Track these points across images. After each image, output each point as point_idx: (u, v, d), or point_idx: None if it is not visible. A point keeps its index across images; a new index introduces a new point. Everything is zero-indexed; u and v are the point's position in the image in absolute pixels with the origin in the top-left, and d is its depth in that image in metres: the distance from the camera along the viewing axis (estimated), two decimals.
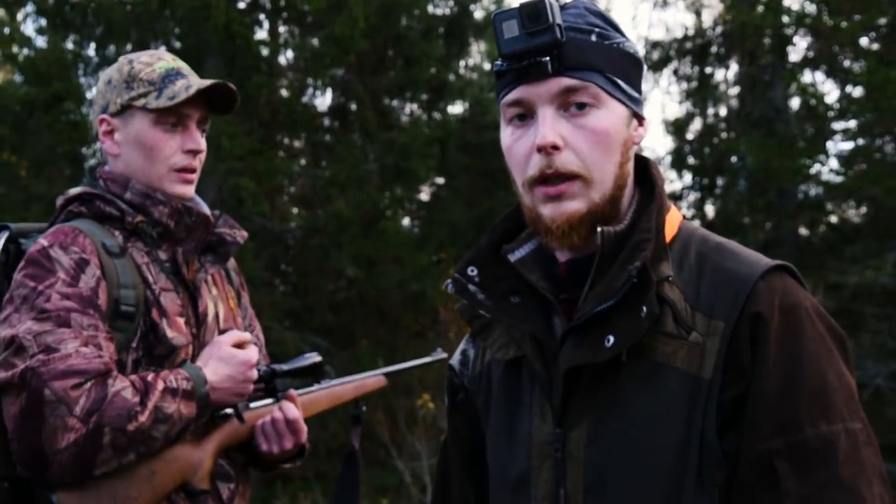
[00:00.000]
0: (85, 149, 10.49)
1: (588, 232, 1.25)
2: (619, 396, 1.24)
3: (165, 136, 1.98)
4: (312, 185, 10.13)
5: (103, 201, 1.97)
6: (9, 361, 1.78)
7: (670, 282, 1.25)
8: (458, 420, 1.46)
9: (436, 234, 10.53)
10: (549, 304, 1.32)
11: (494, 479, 1.37)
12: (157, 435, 1.82)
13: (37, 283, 1.83)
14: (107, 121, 2.02)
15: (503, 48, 1.25)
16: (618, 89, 1.27)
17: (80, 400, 1.75)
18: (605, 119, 1.25)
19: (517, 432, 1.32)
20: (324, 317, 10.08)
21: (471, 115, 11.69)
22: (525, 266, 1.32)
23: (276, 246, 9.73)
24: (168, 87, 1.97)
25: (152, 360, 1.91)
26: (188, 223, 1.99)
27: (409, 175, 9.78)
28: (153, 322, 1.92)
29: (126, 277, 1.90)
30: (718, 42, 11.68)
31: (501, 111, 1.31)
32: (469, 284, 1.33)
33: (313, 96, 10.69)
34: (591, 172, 1.24)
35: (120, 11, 9.49)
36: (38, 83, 9.71)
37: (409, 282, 9.63)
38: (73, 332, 1.80)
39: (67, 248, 1.88)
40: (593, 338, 1.24)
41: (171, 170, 1.99)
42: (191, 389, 1.86)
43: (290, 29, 10.49)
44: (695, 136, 12.16)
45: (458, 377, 1.46)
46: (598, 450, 1.24)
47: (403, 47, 10.33)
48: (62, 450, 1.74)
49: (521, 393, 1.33)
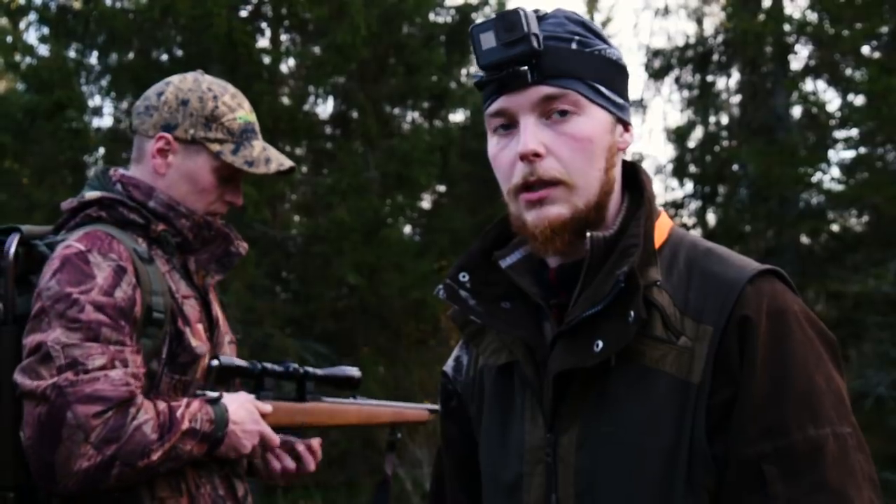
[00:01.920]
0: (87, 156, 10.51)
1: (572, 237, 1.26)
2: (609, 401, 1.25)
3: (217, 183, 2.03)
4: (314, 193, 10.14)
5: (126, 208, 1.97)
6: (35, 369, 1.78)
7: (659, 286, 1.26)
8: (452, 427, 1.48)
9: (437, 241, 10.52)
10: (540, 310, 1.33)
11: (487, 484, 1.37)
12: (161, 470, 1.84)
13: (73, 289, 1.82)
14: (168, 140, 2.02)
15: (482, 59, 1.27)
16: (599, 95, 1.28)
17: (97, 428, 1.75)
18: (587, 125, 1.26)
19: (509, 437, 1.33)
20: (325, 324, 10.06)
21: (472, 123, 11.68)
22: (516, 272, 1.33)
23: (278, 253, 9.73)
24: (245, 144, 2.01)
25: (175, 367, 1.92)
26: (206, 237, 2.01)
27: (410, 183, 9.78)
28: (178, 330, 1.93)
29: (157, 284, 1.91)
30: (720, 50, 11.69)
31: (486, 122, 1.33)
32: (460, 290, 1.34)
33: (315, 104, 10.70)
34: (573, 178, 1.25)
35: (122, 20, 9.51)
36: (40, 91, 9.73)
37: (411, 289, 9.62)
38: (100, 348, 1.79)
39: (106, 254, 1.87)
40: (582, 343, 1.25)
41: (209, 212, 2.04)
42: (209, 432, 1.87)
43: (291, 37, 10.51)
44: (696, 144, 12.16)
45: (451, 384, 1.47)
46: (588, 454, 1.25)
47: (405, 55, 10.34)
48: (70, 475, 1.75)
49: (512, 398, 1.34)
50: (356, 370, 2.11)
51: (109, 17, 9.52)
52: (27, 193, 9.83)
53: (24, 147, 9.88)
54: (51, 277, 1.85)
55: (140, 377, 1.84)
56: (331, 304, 10.04)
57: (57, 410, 1.75)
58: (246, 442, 1.92)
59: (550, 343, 1.30)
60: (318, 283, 9.89)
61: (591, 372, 1.25)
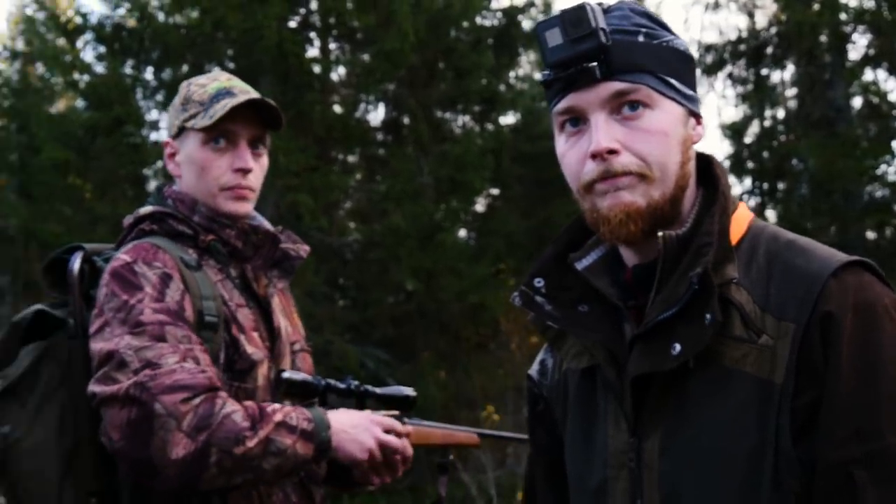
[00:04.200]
0: (146, 170, 10.70)
1: (646, 226, 1.23)
2: (689, 404, 1.22)
3: (214, 155, 2.01)
4: (368, 200, 10.19)
5: (175, 220, 2.00)
6: (111, 376, 1.81)
7: (737, 284, 1.22)
8: (539, 431, 1.46)
9: (492, 245, 10.50)
10: (619, 312, 1.30)
11: (573, 488, 1.36)
12: (266, 466, 1.82)
13: (128, 297, 1.86)
14: (169, 144, 2.08)
15: (548, 57, 1.24)
16: (671, 88, 1.25)
17: (188, 415, 1.77)
18: (661, 119, 1.23)
19: (594, 441, 1.31)
20: (384, 330, 10.09)
21: (523, 125, 11.65)
22: (592, 273, 1.31)
23: (335, 260, 9.79)
24: (212, 106, 1.99)
25: (233, 374, 1.93)
26: (255, 241, 2.02)
27: (464, 187, 9.78)
28: (233, 337, 1.94)
29: (206, 290, 1.93)
30: (773, 43, 11.47)
31: (553, 120, 1.30)
32: (536, 296, 1.32)
33: (366, 111, 10.76)
34: (651, 171, 1.22)
35: (175, 35, 9.67)
36: (99, 108, 9.94)
37: (468, 293, 9.61)
38: (170, 347, 1.82)
39: (150, 263, 1.91)
40: (659, 346, 1.22)
41: (221, 189, 2.01)
42: (311, 430, 1.85)
43: (340, 46, 10.58)
44: (753, 139, 11.95)
45: (536, 387, 1.45)
46: (671, 459, 1.22)
47: (453, 59, 10.34)
48: (169, 464, 1.76)
49: (596, 401, 1.32)
50: (412, 390, 2.11)
51: (163, 32, 9.69)
52: (90, 207, 10.05)
53: (85, 163, 10.11)
54: (104, 291, 1.89)
55: (216, 376, 1.86)
56: (389, 310, 10.07)
57: (144, 405, 1.77)
58: (356, 449, 1.90)
59: (629, 346, 1.27)
60: (375, 289, 9.93)
61: (669, 375, 1.22)
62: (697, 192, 1.30)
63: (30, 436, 1.87)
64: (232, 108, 1.96)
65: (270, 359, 2.00)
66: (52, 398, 1.90)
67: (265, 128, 2.06)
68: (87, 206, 10.25)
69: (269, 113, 2.03)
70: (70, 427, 1.88)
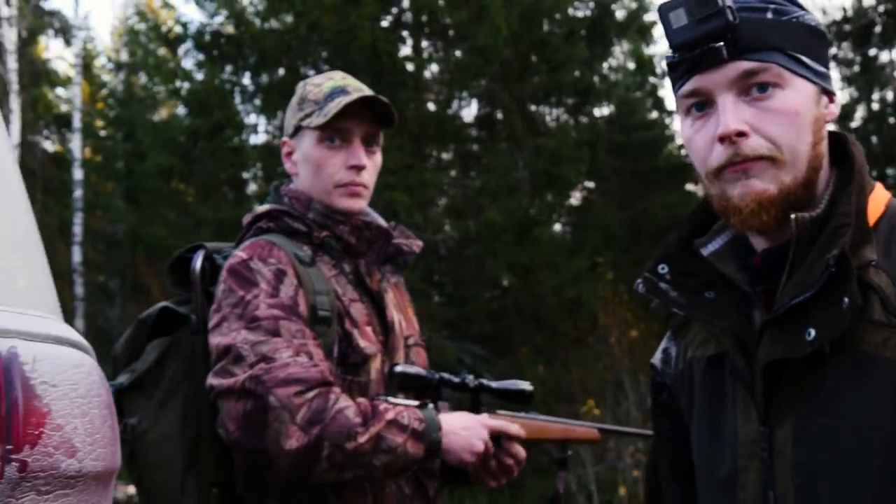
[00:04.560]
0: (245, 173, 10.96)
1: (779, 213, 1.19)
2: (825, 391, 1.17)
3: (329, 153, 2.04)
4: (463, 196, 10.21)
5: (291, 217, 2.04)
6: (228, 370, 1.86)
7: (875, 266, 1.17)
8: (663, 420, 1.43)
9: (589, 238, 10.41)
10: (747, 297, 1.26)
11: (701, 479, 1.32)
12: (377, 463, 1.84)
13: (244, 293, 1.91)
14: (286, 143, 2.13)
15: (673, 39, 1.21)
16: (802, 66, 1.20)
17: (301, 409, 1.81)
18: (792, 99, 1.19)
19: (722, 431, 1.27)
20: (481, 325, 10.11)
21: (618, 116, 11.52)
22: (719, 259, 1.27)
23: (431, 257, 9.85)
24: (327, 104, 2.02)
25: (347, 368, 1.96)
26: (368, 237, 2.05)
27: (559, 180, 9.72)
28: (346, 332, 1.97)
29: (320, 285, 1.96)
30: (881, 21, 11.05)
31: (678, 103, 1.27)
32: (660, 283, 1.29)
33: (459, 107, 10.79)
34: (783, 154, 1.18)
35: (271, 39, 9.87)
36: (200, 114, 10.23)
37: (565, 288, 9.56)
38: (284, 342, 1.86)
39: (265, 259, 1.95)
40: (793, 331, 1.17)
41: (336, 186, 2.04)
42: (422, 430, 1.88)
43: (433, 43, 10.63)
44: (860, 123, 11.54)
45: (660, 376, 1.42)
46: (805, 448, 1.18)
47: (546, 52, 10.29)
48: (283, 455, 1.80)
49: (723, 390, 1.28)
50: (528, 384, 2.09)
51: (260, 38, 9.91)
52: (193, 211, 10.34)
53: (188, 167, 10.40)
54: (222, 287, 1.95)
55: (329, 371, 1.89)
56: (485, 305, 10.08)
57: (258, 398, 1.81)
58: (465, 452, 1.92)
59: (759, 332, 1.23)
60: (471, 285, 9.95)
61: (803, 361, 1.18)
62: (831, 172, 1.25)
63: (155, 428, 1.94)
64: (345, 106, 1.99)
65: (384, 353, 2.02)
66: (176, 392, 1.96)
67: (378, 125, 2.08)
68: (190, 209, 10.56)
69: (383, 110, 2.05)
70: (193, 420, 1.94)
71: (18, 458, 0.88)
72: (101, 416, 0.97)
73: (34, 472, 0.89)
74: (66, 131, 14.74)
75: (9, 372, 0.90)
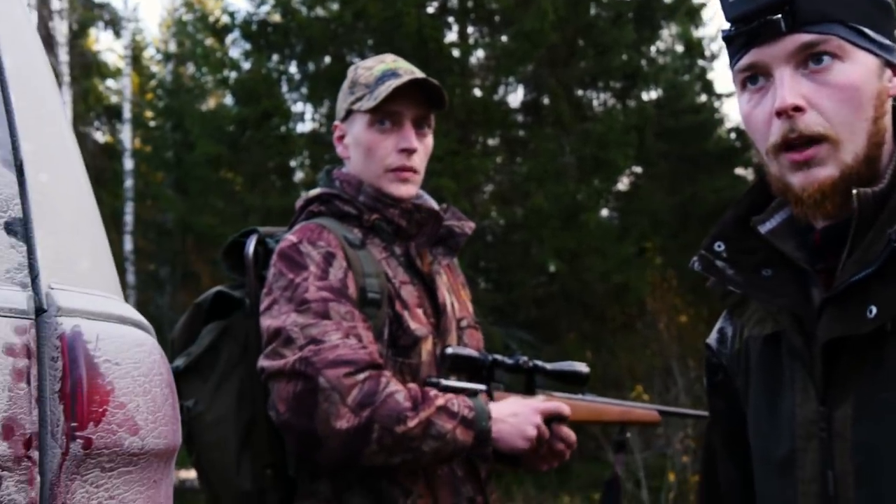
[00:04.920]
0: (293, 161, 11.04)
1: (843, 198, 1.16)
2: (887, 369, 1.15)
3: (380, 136, 2.04)
4: (510, 182, 10.18)
5: (341, 201, 2.05)
6: (278, 352, 1.88)
7: None
8: (718, 401, 1.41)
9: (637, 223, 10.32)
10: (806, 275, 1.24)
11: (758, 459, 1.31)
12: (426, 449, 1.85)
13: (294, 276, 1.93)
14: (338, 127, 2.13)
15: (729, 12, 1.19)
16: (863, 38, 1.18)
17: (352, 391, 1.82)
18: (852, 72, 1.16)
19: (779, 411, 1.25)
20: (528, 311, 10.09)
21: (666, 100, 11.39)
22: (777, 236, 1.25)
23: (477, 243, 9.84)
24: (378, 87, 2.01)
25: (397, 350, 1.97)
26: (418, 219, 2.04)
27: (607, 165, 9.64)
28: (397, 314, 1.97)
29: (369, 267, 1.97)
30: None
31: (735, 78, 1.24)
32: (716, 260, 1.28)
33: (506, 93, 10.75)
34: (839, 133, 1.16)
35: (318, 27, 9.91)
36: (247, 103, 10.31)
37: (612, 273, 9.49)
38: (334, 324, 1.88)
39: (315, 242, 1.97)
40: (853, 308, 1.15)
41: (387, 170, 2.04)
42: (471, 418, 1.88)
43: (479, 29, 10.59)
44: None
45: (715, 357, 1.40)
46: (866, 428, 1.16)
47: (594, 36, 10.19)
48: (333, 435, 1.82)
49: (781, 369, 1.27)
50: (584, 366, 2.07)
51: (306, 26, 9.95)
52: (241, 199, 10.43)
53: (236, 156, 10.50)
54: (273, 270, 1.97)
55: (377, 353, 1.90)
56: (532, 291, 10.05)
57: (309, 379, 1.83)
58: (517, 439, 1.92)
59: (818, 310, 1.21)
60: (518, 271, 9.93)
61: (864, 339, 1.16)
62: (895, 146, 1.22)
63: (211, 410, 1.97)
64: (396, 89, 1.98)
65: (435, 335, 2.02)
66: (231, 374, 1.98)
67: (429, 108, 2.07)
68: (238, 197, 10.66)
69: (433, 93, 2.04)
70: (248, 401, 1.96)
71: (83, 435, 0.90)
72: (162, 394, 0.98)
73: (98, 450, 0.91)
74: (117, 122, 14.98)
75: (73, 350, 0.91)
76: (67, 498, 0.89)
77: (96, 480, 0.91)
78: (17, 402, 0.86)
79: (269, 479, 1.95)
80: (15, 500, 0.85)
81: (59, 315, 0.91)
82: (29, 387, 0.87)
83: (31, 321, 0.89)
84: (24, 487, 0.86)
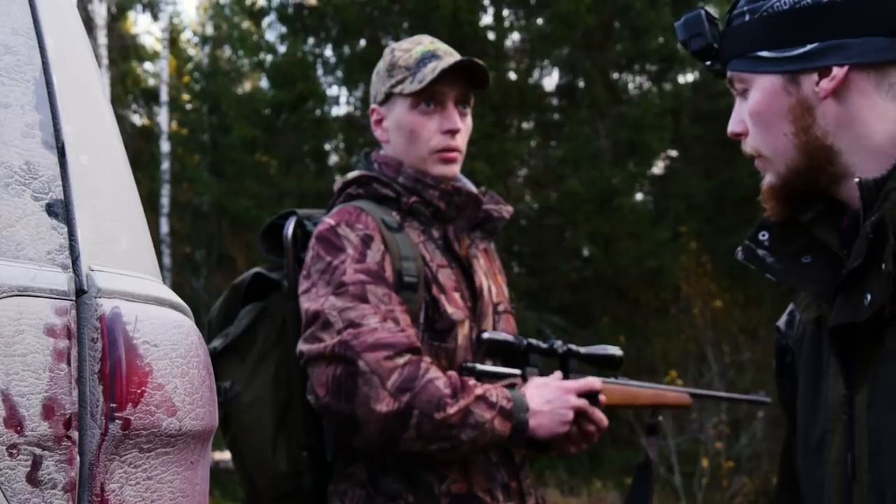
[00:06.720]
0: (327, 145, 11.07)
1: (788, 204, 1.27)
2: (889, 357, 1.16)
3: (423, 118, 2.03)
4: (544, 166, 10.14)
5: (380, 183, 2.05)
6: (317, 336, 1.89)
7: None
8: (785, 383, 1.43)
9: (672, 208, 10.23)
10: (841, 262, 1.25)
11: (800, 440, 1.34)
12: (463, 437, 1.85)
13: (331, 259, 1.93)
14: (376, 110, 2.11)
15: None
16: (760, 62, 1.24)
17: (392, 374, 1.83)
18: (753, 100, 1.27)
19: (819, 394, 1.28)
20: (561, 296, 10.06)
21: (703, 83, 11.24)
22: (817, 224, 1.28)
23: (512, 227, 9.82)
24: (420, 70, 2.01)
25: (434, 334, 1.97)
26: (458, 203, 2.04)
27: (642, 149, 9.56)
28: (433, 297, 1.98)
29: (406, 250, 1.97)
30: None
31: None
32: (758, 249, 1.31)
33: (541, 76, 10.68)
34: (763, 151, 1.28)
35: (353, 11, 9.91)
36: (283, 86, 10.35)
37: (647, 258, 9.43)
38: (371, 308, 1.88)
39: (353, 225, 1.97)
40: (855, 296, 1.18)
41: (432, 152, 2.04)
42: (510, 409, 1.88)
43: (514, 11, 10.53)
44: None
45: (784, 339, 1.43)
46: (878, 413, 1.18)
47: (629, 18, 10.09)
48: (372, 419, 1.82)
49: (821, 354, 1.29)
50: (618, 349, 2.06)
51: (342, 9, 9.95)
52: (276, 182, 10.49)
53: (271, 139, 10.55)
54: (311, 253, 1.97)
55: (416, 337, 1.90)
56: (566, 276, 10.02)
57: (349, 363, 1.84)
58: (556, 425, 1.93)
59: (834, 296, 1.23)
60: (552, 255, 9.90)
61: (869, 326, 1.17)
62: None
63: (248, 391, 1.98)
64: (441, 71, 1.98)
65: (472, 319, 2.02)
66: (268, 356, 1.99)
67: (470, 87, 2.06)
68: (273, 181, 10.71)
69: (475, 72, 2.03)
70: (284, 383, 1.97)
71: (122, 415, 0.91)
72: (199, 376, 0.99)
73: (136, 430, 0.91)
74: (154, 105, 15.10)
75: (112, 331, 0.92)
76: (106, 478, 0.90)
77: (134, 461, 0.92)
78: (58, 382, 0.87)
79: (304, 462, 1.96)
80: (55, 480, 0.86)
81: (99, 296, 0.92)
82: (69, 367, 0.88)
83: (72, 302, 0.90)
84: (63, 467, 0.87)
